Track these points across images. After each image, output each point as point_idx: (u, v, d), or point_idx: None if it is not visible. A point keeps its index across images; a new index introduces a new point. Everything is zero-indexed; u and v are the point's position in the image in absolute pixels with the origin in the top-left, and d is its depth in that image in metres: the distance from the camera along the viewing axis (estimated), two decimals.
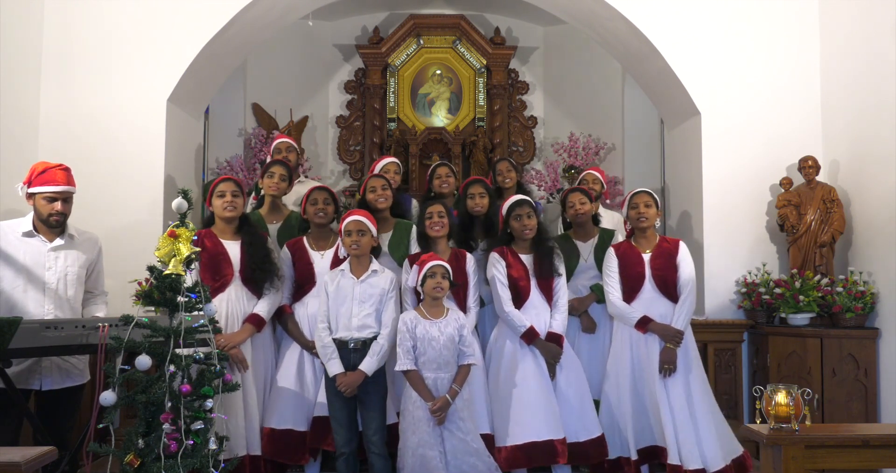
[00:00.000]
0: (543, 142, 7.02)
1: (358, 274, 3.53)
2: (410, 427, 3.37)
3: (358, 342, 3.46)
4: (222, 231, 3.72)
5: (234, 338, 3.57)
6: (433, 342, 3.39)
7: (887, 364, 4.13)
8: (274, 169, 4.16)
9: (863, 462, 2.75)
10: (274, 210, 4.23)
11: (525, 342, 3.70)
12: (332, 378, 3.45)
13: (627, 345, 3.83)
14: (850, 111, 4.53)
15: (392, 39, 6.76)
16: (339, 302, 3.50)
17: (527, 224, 3.79)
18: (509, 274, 3.76)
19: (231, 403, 3.45)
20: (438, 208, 3.80)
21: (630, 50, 5.02)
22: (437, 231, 3.76)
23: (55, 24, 4.59)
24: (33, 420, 3.19)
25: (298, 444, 3.65)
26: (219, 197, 3.70)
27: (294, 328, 3.78)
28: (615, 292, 3.84)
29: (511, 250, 3.83)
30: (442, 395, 3.36)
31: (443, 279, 3.44)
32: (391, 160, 4.59)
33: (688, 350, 3.78)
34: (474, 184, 4.20)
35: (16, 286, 3.32)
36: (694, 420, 3.67)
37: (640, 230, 3.90)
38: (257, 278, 3.66)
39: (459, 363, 3.43)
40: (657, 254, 3.85)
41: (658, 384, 3.69)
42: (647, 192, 3.94)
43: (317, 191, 3.90)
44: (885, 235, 4.17)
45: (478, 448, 3.41)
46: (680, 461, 3.60)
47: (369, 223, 3.58)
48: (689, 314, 3.79)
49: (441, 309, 3.49)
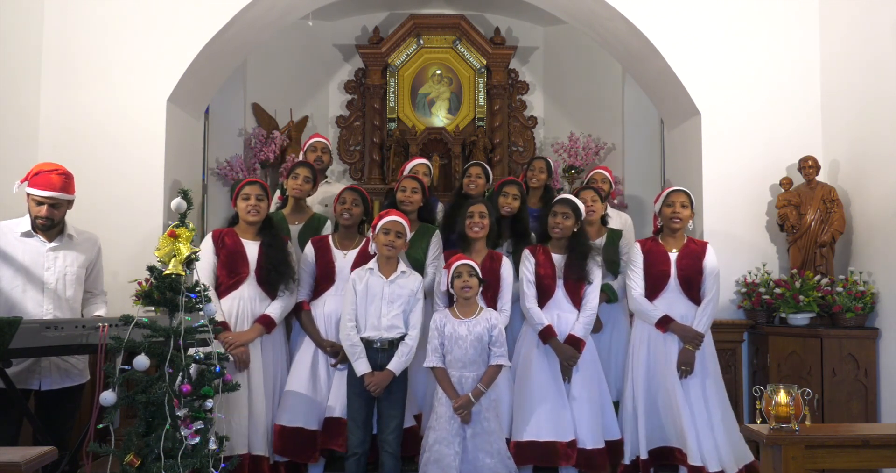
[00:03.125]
0: (543, 142, 7.01)
1: (387, 274, 3.54)
2: (434, 423, 3.40)
3: (385, 342, 3.46)
4: (244, 231, 3.76)
5: (242, 337, 3.58)
6: (460, 340, 3.39)
7: (887, 364, 4.13)
8: (299, 170, 4.17)
9: (863, 462, 2.74)
10: (297, 211, 4.24)
11: (541, 341, 3.70)
12: (357, 378, 3.45)
13: (645, 344, 3.81)
14: (850, 111, 4.52)
15: (392, 39, 6.76)
16: (368, 301, 3.50)
17: (559, 223, 3.76)
18: (536, 272, 3.75)
19: (234, 401, 3.45)
20: (480, 209, 3.78)
21: (630, 50, 5.02)
22: (476, 233, 3.75)
23: (55, 24, 4.59)
24: (33, 420, 3.19)
25: (309, 442, 3.65)
26: (244, 200, 3.73)
27: (310, 324, 3.77)
28: (638, 289, 3.81)
29: (544, 248, 3.82)
30: (465, 393, 3.36)
31: (470, 278, 3.43)
32: (421, 161, 4.58)
33: (706, 354, 3.77)
34: (510, 184, 4.18)
35: (15, 286, 3.31)
36: (711, 424, 3.67)
37: (670, 230, 3.87)
38: (272, 280, 3.67)
39: (489, 364, 3.42)
40: (684, 254, 3.82)
41: (677, 385, 3.68)
42: (685, 191, 3.91)
43: (347, 191, 3.91)
44: (885, 235, 4.17)
45: (499, 449, 3.40)
46: (702, 462, 3.59)
47: (406, 227, 3.59)
48: (711, 318, 3.78)
49: (473, 308, 3.49)
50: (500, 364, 3.43)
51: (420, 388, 3.82)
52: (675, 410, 3.68)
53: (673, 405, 3.70)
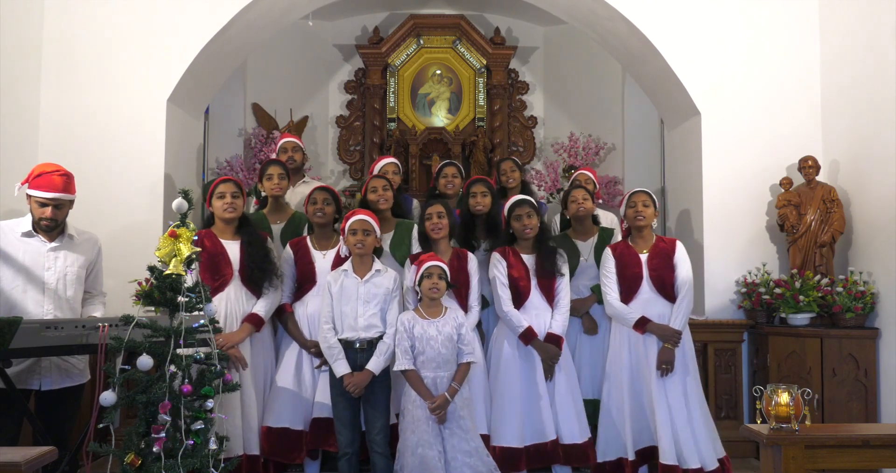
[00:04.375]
0: (543, 142, 7.01)
1: (361, 274, 3.53)
2: (410, 426, 3.37)
3: (364, 342, 3.45)
4: (222, 231, 3.73)
5: (232, 338, 3.57)
6: (431, 341, 3.39)
7: (887, 364, 4.13)
8: (271, 170, 4.17)
9: (863, 462, 2.75)
10: (278, 210, 4.24)
11: (523, 343, 3.70)
12: (338, 379, 3.45)
13: (626, 346, 3.82)
14: (850, 111, 4.53)
15: (392, 39, 6.76)
16: (344, 302, 3.49)
17: (527, 224, 3.79)
18: (510, 274, 3.76)
19: (228, 402, 3.45)
20: (438, 209, 3.78)
21: (630, 50, 5.02)
22: (436, 233, 3.75)
23: (55, 24, 4.59)
24: (33, 420, 3.19)
25: (295, 443, 3.66)
26: (219, 198, 3.70)
27: (293, 327, 3.79)
28: (612, 293, 3.83)
29: (513, 249, 3.83)
30: (441, 393, 3.36)
31: (439, 280, 3.44)
32: (390, 161, 4.59)
33: (685, 351, 3.78)
34: (477, 183, 4.19)
35: (15, 286, 3.32)
36: (691, 421, 3.69)
37: (636, 230, 3.90)
38: (256, 278, 3.66)
39: (459, 362, 3.43)
40: (654, 254, 3.85)
41: (656, 384, 3.69)
42: (646, 191, 3.94)
43: (317, 191, 3.90)
44: (885, 235, 4.17)
45: (477, 447, 3.40)
46: (676, 460, 3.61)
47: (374, 223, 3.58)
48: (686, 314, 3.79)
49: (439, 309, 3.49)
50: (470, 362, 3.44)
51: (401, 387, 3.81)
52: (651, 409, 3.70)
53: (650, 404, 3.71)
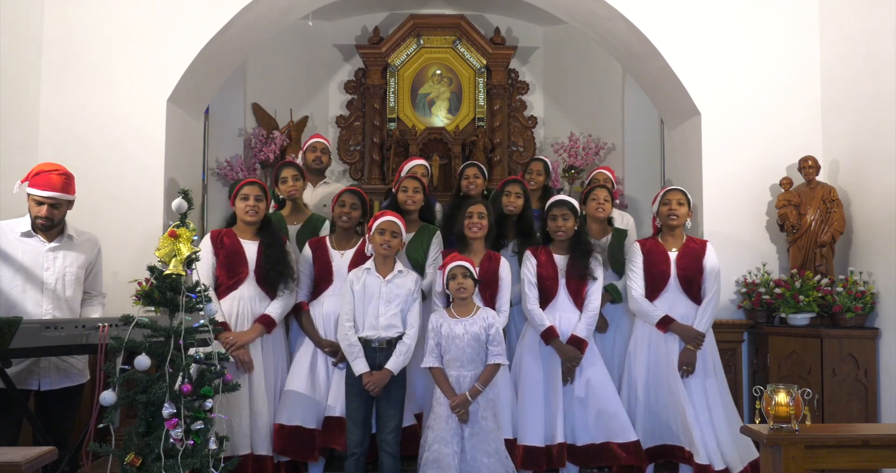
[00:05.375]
0: (543, 142, 7.01)
1: (384, 273, 3.55)
2: (432, 422, 3.41)
3: (383, 341, 3.47)
4: (242, 231, 3.77)
5: (242, 337, 3.59)
6: (456, 340, 3.41)
7: (887, 364, 4.13)
8: (284, 173, 4.20)
9: (863, 462, 2.74)
10: (295, 212, 4.27)
11: (543, 342, 3.70)
12: (355, 377, 3.46)
13: (645, 344, 3.81)
14: (850, 111, 4.52)
15: (392, 39, 6.75)
16: (366, 301, 3.51)
17: (560, 226, 3.76)
18: (538, 272, 3.75)
19: (236, 401, 3.46)
20: (480, 209, 3.78)
21: (630, 50, 5.02)
22: (474, 233, 3.75)
23: (55, 24, 4.59)
24: (33, 420, 3.18)
25: (307, 441, 3.66)
26: (242, 200, 3.74)
27: (309, 324, 3.79)
28: (638, 289, 3.81)
29: (546, 249, 3.82)
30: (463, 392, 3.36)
31: (464, 279, 3.44)
32: (420, 162, 4.59)
33: (707, 354, 3.76)
34: (513, 183, 4.20)
35: (14, 286, 3.31)
36: (712, 422, 3.67)
37: (668, 228, 3.87)
38: (272, 279, 3.68)
39: (487, 363, 3.43)
40: (684, 253, 3.82)
41: (680, 384, 3.68)
42: (681, 190, 3.93)
43: (346, 194, 3.90)
44: (885, 235, 4.17)
45: (497, 449, 3.40)
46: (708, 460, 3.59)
47: (402, 227, 3.61)
48: (712, 317, 3.77)
49: (470, 308, 3.50)
50: (497, 363, 3.43)
51: (420, 387, 3.82)
52: (680, 409, 3.68)
53: (677, 404, 3.69)
